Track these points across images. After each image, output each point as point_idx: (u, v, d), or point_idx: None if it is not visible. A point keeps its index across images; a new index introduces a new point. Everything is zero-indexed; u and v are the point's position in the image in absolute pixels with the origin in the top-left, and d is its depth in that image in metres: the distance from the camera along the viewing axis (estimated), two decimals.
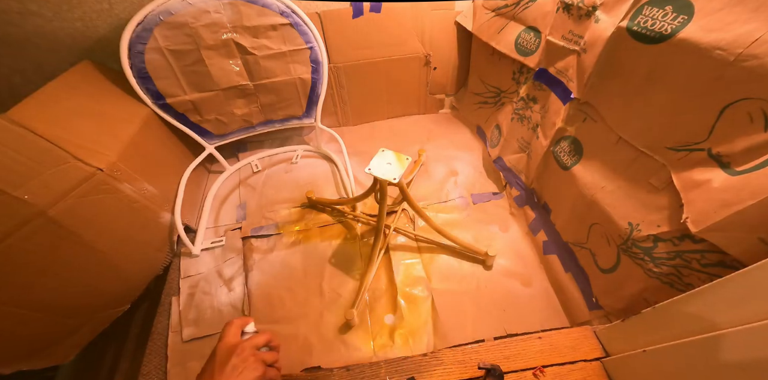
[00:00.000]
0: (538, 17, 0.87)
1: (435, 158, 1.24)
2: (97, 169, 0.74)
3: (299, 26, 1.04)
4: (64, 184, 0.69)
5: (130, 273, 0.84)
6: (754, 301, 0.37)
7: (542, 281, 0.90)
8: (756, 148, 0.44)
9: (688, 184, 0.52)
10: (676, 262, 0.55)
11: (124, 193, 0.80)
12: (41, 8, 0.87)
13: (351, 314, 0.80)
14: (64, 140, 0.70)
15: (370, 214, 1.06)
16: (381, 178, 0.75)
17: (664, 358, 0.48)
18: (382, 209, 0.83)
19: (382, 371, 0.61)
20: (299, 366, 0.74)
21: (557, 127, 0.80)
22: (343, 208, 1.06)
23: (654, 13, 0.54)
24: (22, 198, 0.64)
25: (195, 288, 0.91)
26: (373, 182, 0.82)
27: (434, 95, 1.42)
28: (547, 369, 0.60)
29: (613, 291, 0.69)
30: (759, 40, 0.42)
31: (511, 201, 1.07)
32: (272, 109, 1.17)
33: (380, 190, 0.80)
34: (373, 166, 0.77)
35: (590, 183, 0.72)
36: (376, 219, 0.87)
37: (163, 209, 0.93)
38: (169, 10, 0.90)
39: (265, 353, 0.49)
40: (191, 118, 1.08)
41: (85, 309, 0.75)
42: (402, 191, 0.84)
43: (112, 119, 0.88)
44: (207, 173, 1.25)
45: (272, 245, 1.00)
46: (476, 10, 1.11)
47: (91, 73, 0.93)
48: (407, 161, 0.78)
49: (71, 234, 0.71)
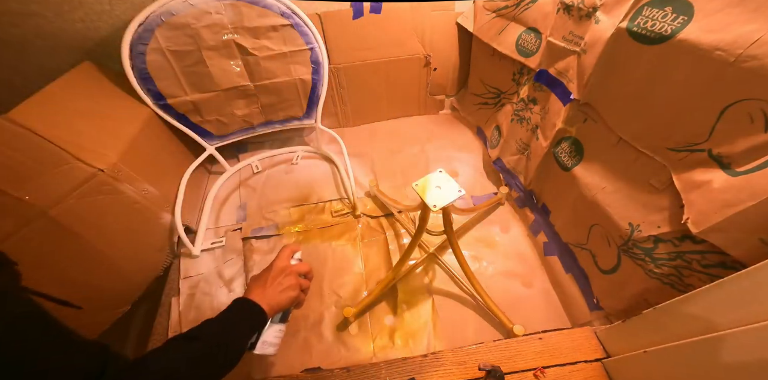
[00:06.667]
0: (539, 18, 0.87)
1: (435, 159, 1.24)
2: (98, 169, 0.74)
3: (300, 27, 1.04)
4: (64, 185, 0.70)
5: (130, 274, 0.84)
6: (755, 302, 0.37)
7: (543, 282, 0.90)
8: (756, 148, 0.44)
9: (688, 184, 0.52)
10: (677, 263, 0.55)
11: (124, 194, 0.80)
12: (42, 9, 0.88)
13: (350, 312, 0.80)
14: (65, 141, 0.70)
15: (372, 215, 1.06)
16: (424, 200, 0.68)
17: (665, 359, 0.48)
18: (420, 228, 0.76)
19: (383, 372, 0.61)
20: (299, 366, 0.74)
21: (557, 128, 0.80)
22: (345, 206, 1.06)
23: (654, 13, 0.54)
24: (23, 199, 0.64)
25: (195, 288, 0.91)
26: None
27: (434, 96, 1.42)
28: (548, 369, 0.60)
29: (614, 292, 0.69)
30: (759, 41, 0.42)
31: (512, 203, 1.08)
32: (273, 110, 1.18)
33: (422, 209, 0.73)
34: (421, 183, 0.70)
35: (591, 184, 0.72)
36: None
37: (164, 210, 0.93)
38: (171, 11, 0.90)
39: (303, 280, 0.61)
40: (192, 118, 1.08)
41: (85, 309, 0.75)
42: (444, 221, 0.77)
43: (113, 120, 0.88)
44: (207, 174, 1.25)
45: (272, 246, 1.00)
46: (477, 11, 1.11)
47: (92, 74, 0.94)
48: (460, 193, 0.68)
49: (72, 235, 0.71)
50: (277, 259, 0.61)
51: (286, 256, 0.62)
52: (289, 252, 0.63)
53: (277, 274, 0.58)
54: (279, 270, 0.59)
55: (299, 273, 0.61)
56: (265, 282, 0.57)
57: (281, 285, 0.57)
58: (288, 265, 0.61)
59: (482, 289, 0.81)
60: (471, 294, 0.86)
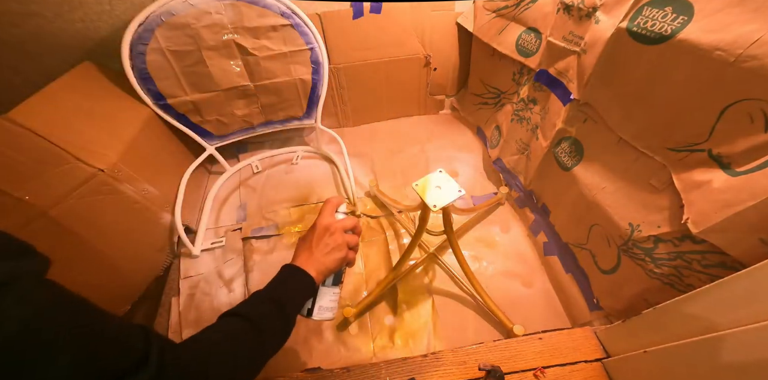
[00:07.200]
0: (539, 18, 0.87)
1: (435, 159, 1.25)
2: (98, 169, 0.74)
3: (300, 27, 1.04)
4: (65, 185, 0.70)
5: (130, 274, 0.85)
6: (755, 302, 0.37)
7: (543, 282, 0.90)
8: (756, 148, 0.44)
9: (688, 184, 0.52)
10: (677, 263, 0.55)
11: (124, 194, 0.80)
12: (42, 9, 0.88)
13: (350, 312, 0.80)
14: (65, 141, 0.70)
15: (372, 216, 1.06)
16: (424, 200, 0.67)
17: (665, 359, 0.48)
18: (420, 228, 0.76)
19: (383, 372, 0.61)
20: (299, 366, 0.74)
21: (557, 128, 0.80)
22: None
23: (654, 13, 0.54)
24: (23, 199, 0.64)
25: (195, 288, 0.91)
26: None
27: (434, 96, 1.42)
28: (548, 369, 0.60)
29: (614, 291, 0.69)
30: (759, 41, 0.42)
31: (512, 203, 1.08)
32: (273, 110, 1.18)
33: (422, 209, 0.72)
34: (421, 183, 0.69)
35: (591, 184, 0.72)
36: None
37: (164, 210, 0.93)
38: (171, 11, 0.90)
39: (350, 236, 0.55)
40: (192, 118, 1.08)
41: None
42: (444, 221, 0.76)
43: (113, 120, 0.88)
44: (207, 174, 1.25)
45: (272, 246, 1.00)
46: (477, 11, 1.11)
47: (91, 74, 0.94)
48: (460, 193, 0.68)
49: (72, 235, 0.71)
50: (320, 216, 0.55)
51: (330, 212, 0.56)
52: (332, 206, 0.56)
53: (322, 234, 0.53)
54: (323, 229, 0.53)
55: (345, 229, 0.55)
56: (310, 245, 0.53)
57: (327, 246, 0.53)
58: (332, 222, 0.54)
59: (482, 289, 0.81)
60: (471, 294, 0.86)
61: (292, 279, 0.50)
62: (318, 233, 0.53)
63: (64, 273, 0.78)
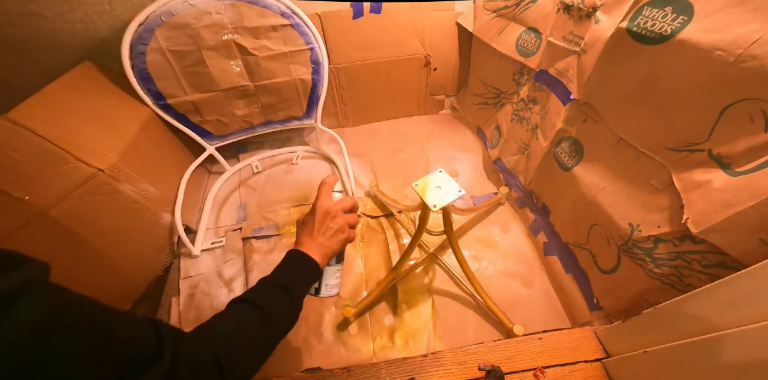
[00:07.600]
0: (539, 18, 0.87)
1: (435, 159, 1.25)
2: (98, 169, 0.74)
3: (300, 27, 1.04)
4: (65, 185, 0.70)
5: (130, 274, 0.85)
6: (755, 302, 0.37)
7: (543, 282, 0.90)
8: (756, 148, 0.44)
9: (688, 184, 0.52)
10: (677, 263, 0.55)
11: (124, 194, 0.80)
12: (42, 9, 0.88)
13: (350, 312, 0.80)
14: (65, 141, 0.70)
15: (372, 215, 1.06)
16: (423, 200, 0.67)
17: (665, 359, 0.48)
18: (420, 228, 0.76)
19: (383, 372, 0.61)
20: (299, 366, 0.74)
21: (557, 128, 0.80)
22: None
23: (654, 13, 0.54)
24: (23, 199, 0.64)
25: (195, 288, 0.91)
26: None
27: (434, 96, 1.42)
28: (548, 369, 0.60)
29: (614, 292, 0.69)
30: (759, 41, 0.42)
31: (512, 203, 1.08)
32: (273, 110, 1.18)
33: (422, 209, 0.72)
34: (421, 183, 0.70)
35: (591, 184, 0.72)
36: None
37: (164, 210, 0.93)
38: (171, 11, 0.90)
39: (350, 216, 0.56)
40: (192, 118, 1.08)
41: None
42: (444, 221, 0.77)
43: (113, 120, 0.88)
44: (207, 174, 1.25)
45: (272, 246, 1.00)
46: (477, 11, 1.11)
47: (91, 74, 0.94)
48: (460, 193, 0.68)
49: (72, 235, 0.71)
50: (318, 200, 0.55)
51: (327, 194, 0.56)
52: (329, 188, 0.56)
53: (323, 218, 0.53)
54: (324, 213, 0.54)
55: (344, 210, 0.55)
56: (312, 229, 0.53)
57: (330, 229, 0.53)
58: (331, 205, 0.54)
59: (482, 289, 0.81)
60: (471, 294, 0.86)
61: (298, 265, 0.51)
62: (319, 217, 0.53)
63: (64, 274, 0.78)
